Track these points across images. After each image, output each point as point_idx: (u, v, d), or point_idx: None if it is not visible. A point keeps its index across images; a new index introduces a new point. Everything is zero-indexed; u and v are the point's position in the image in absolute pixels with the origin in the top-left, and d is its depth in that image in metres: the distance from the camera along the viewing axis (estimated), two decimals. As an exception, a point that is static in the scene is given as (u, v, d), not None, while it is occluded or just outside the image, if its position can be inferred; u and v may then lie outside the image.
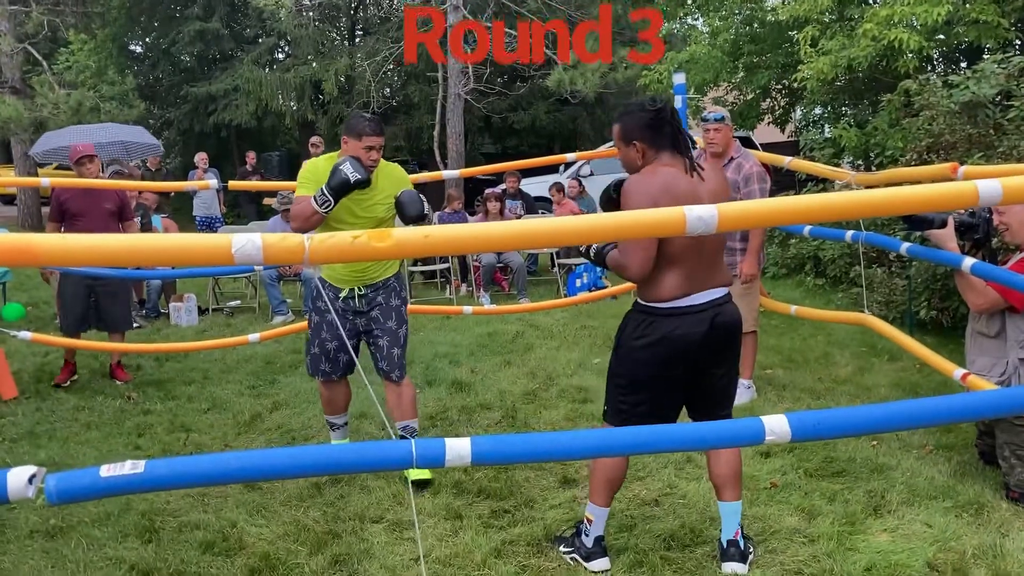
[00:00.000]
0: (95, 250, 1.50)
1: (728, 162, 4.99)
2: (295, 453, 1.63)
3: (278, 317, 8.23)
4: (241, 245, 1.58)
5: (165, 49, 20.74)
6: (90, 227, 5.78)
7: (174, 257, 1.60)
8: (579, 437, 1.84)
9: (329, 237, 1.65)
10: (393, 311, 3.95)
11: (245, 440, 4.69)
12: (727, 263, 5.04)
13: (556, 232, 1.81)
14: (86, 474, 1.58)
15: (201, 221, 11.90)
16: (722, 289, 2.97)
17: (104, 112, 15.79)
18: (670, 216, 1.69)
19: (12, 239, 1.51)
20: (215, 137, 20.34)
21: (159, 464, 1.58)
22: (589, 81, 13.44)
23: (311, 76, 18.48)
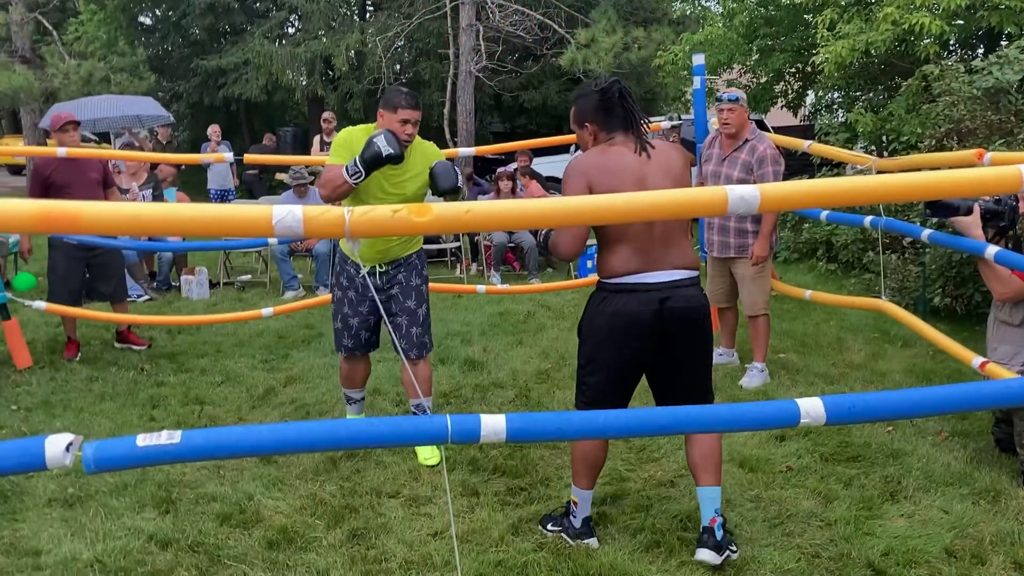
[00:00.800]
0: (138, 219, 1.50)
1: (743, 144, 4.99)
2: (331, 426, 1.63)
3: (289, 292, 8.24)
4: (281, 217, 1.57)
5: (175, 21, 20.63)
6: (77, 197, 5.70)
7: (213, 226, 1.60)
8: (610, 416, 1.84)
9: (369, 211, 1.64)
10: (413, 290, 3.93)
11: (259, 414, 4.70)
12: (738, 244, 5.05)
13: (597, 209, 1.80)
14: (123, 443, 1.58)
15: (215, 194, 11.87)
16: (682, 272, 2.87)
17: (114, 84, 15.76)
18: (712, 195, 1.68)
19: (59, 206, 1.50)
20: (224, 111, 20.29)
21: (195, 435, 1.58)
22: (602, 61, 13.36)
23: (321, 51, 18.38)
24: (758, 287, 5.08)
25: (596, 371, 2.97)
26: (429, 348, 4.03)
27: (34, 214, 1.42)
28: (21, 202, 1.44)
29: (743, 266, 5.08)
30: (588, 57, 13.49)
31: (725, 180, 5.00)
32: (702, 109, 5.92)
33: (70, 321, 5.94)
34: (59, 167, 5.70)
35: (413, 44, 18.94)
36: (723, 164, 5.06)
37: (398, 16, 17.26)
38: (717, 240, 5.15)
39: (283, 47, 19.07)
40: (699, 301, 2.90)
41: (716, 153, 5.17)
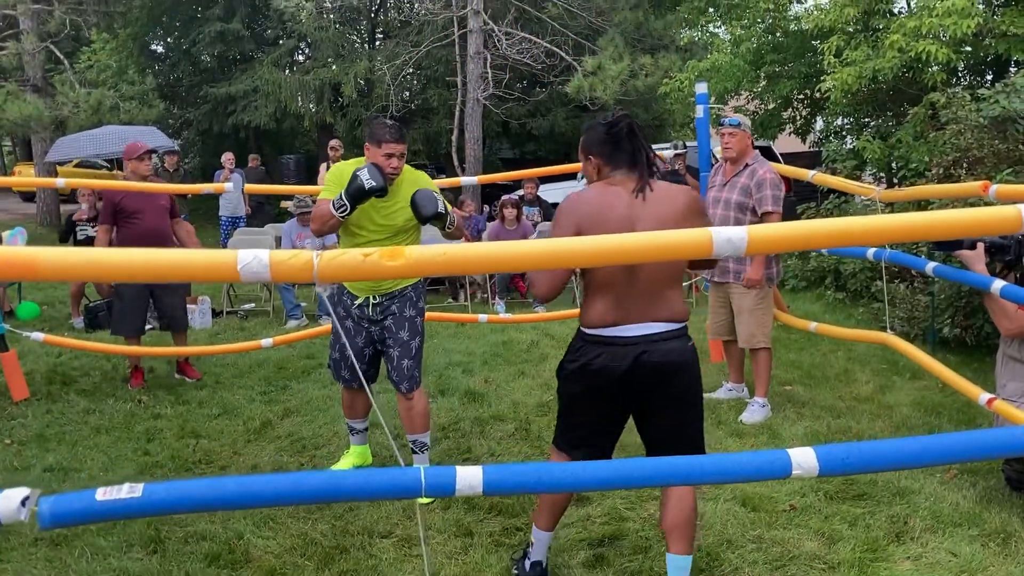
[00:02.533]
0: (96, 265, 1.44)
1: (743, 168, 4.96)
2: (299, 479, 1.56)
3: (292, 321, 8.19)
4: (247, 262, 1.51)
5: (186, 49, 20.81)
6: (149, 224, 5.72)
7: (178, 272, 1.54)
8: (591, 468, 1.77)
9: (339, 255, 1.58)
10: (406, 321, 3.88)
11: (255, 448, 4.63)
12: (736, 269, 4.98)
13: (574, 253, 1.74)
14: (81, 497, 1.52)
15: (226, 221, 11.87)
16: (663, 324, 2.67)
17: (124, 111, 15.87)
18: (697, 238, 1.62)
19: (15, 253, 1.45)
20: (234, 138, 20.39)
21: (157, 488, 1.52)
22: (609, 88, 13.36)
23: (330, 79, 18.49)
24: (755, 319, 4.98)
25: (575, 420, 2.84)
26: (418, 382, 3.96)
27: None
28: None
29: (740, 295, 4.99)
30: (595, 84, 13.50)
31: (724, 204, 4.98)
32: (706, 137, 5.88)
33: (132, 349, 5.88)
34: (130, 195, 5.71)
35: (421, 72, 19.05)
36: (724, 189, 5.03)
37: (406, 44, 17.35)
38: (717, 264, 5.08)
39: (292, 75, 19.19)
40: (679, 354, 2.69)
41: (719, 180, 5.14)
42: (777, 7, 11.11)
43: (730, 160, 5.03)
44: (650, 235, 1.64)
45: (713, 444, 4.52)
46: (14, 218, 18.29)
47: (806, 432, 4.67)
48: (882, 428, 4.73)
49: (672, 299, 2.71)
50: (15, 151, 30.46)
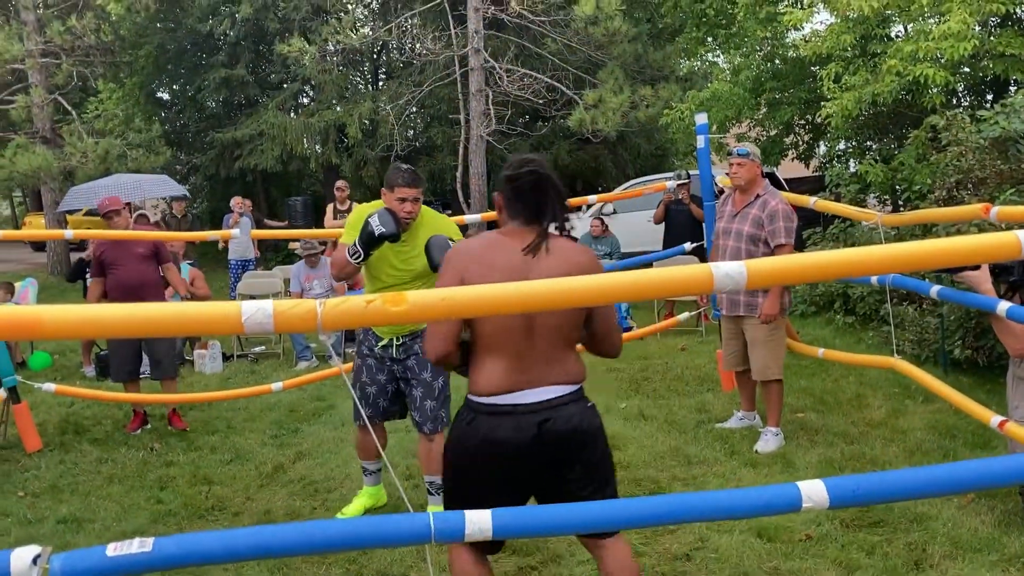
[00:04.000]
0: (99, 322, 1.46)
1: (755, 199, 4.93)
2: (308, 528, 1.57)
3: (302, 363, 8.21)
4: (251, 314, 1.53)
5: (191, 96, 21.05)
6: (124, 275, 5.81)
7: (180, 326, 1.56)
8: (601, 508, 1.77)
9: (342, 302, 1.60)
10: (429, 364, 3.87)
11: (267, 492, 4.62)
12: (747, 302, 4.94)
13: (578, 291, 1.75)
14: (92, 554, 1.52)
15: (236, 264, 11.95)
16: (563, 388, 2.45)
17: (131, 159, 16.03)
18: (698, 273, 1.63)
19: (20, 313, 1.47)
20: (241, 182, 20.54)
21: (167, 542, 1.52)
22: (610, 120, 13.44)
23: (335, 120, 18.65)
24: (769, 351, 4.93)
25: (465, 500, 2.25)
26: (444, 423, 3.91)
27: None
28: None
29: (753, 327, 4.95)
30: (596, 117, 13.59)
31: (736, 236, 4.95)
32: (707, 166, 5.92)
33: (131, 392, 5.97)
34: (108, 247, 5.86)
35: (424, 110, 19.21)
36: (735, 220, 4.99)
37: (409, 84, 17.52)
38: (726, 297, 5.07)
39: (297, 117, 19.37)
40: (583, 419, 2.46)
41: (728, 210, 5.09)
42: (775, 35, 11.21)
43: (740, 190, 5.00)
44: (650, 272, 1.65)
45: (727, 475, 4.50)
46: (25, 268, 18.44)
47: (820, 459, 4.63)
48: (896, 453, 4.69)
49: (569, 359, 2.50)
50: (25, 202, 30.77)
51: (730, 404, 5.63)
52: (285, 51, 15.52)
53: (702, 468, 4.63)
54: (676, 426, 5.44)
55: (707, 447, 4.98)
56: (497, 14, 14.33)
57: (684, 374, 6.90)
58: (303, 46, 15.39)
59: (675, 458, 4.81)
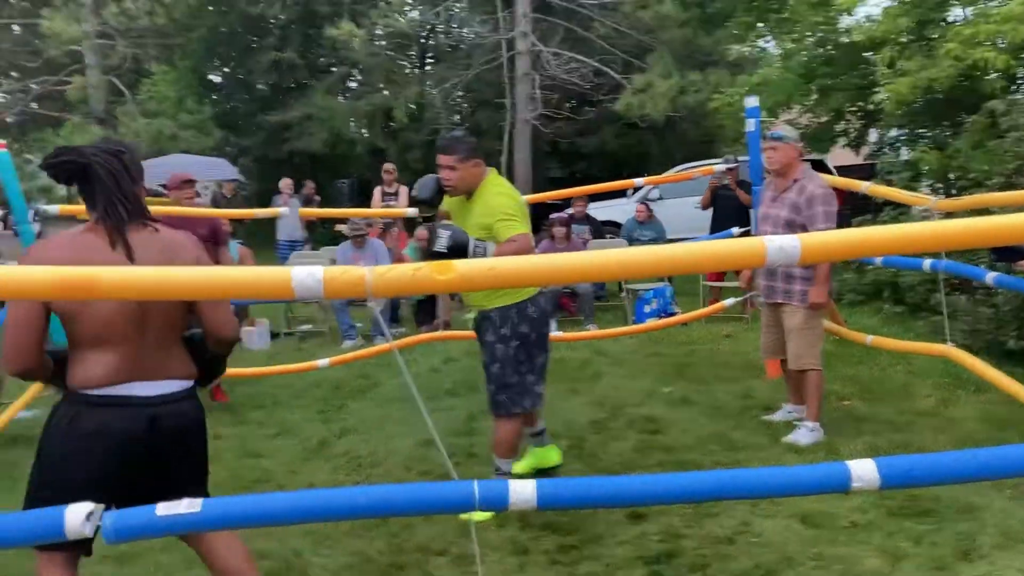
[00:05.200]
0: (156, 283, 1.48)
1: (792, 184, 4.78)
2: (352, 494, 1.59)
3: (347, 342, 8.29)
4: (302, 279, 1.54)
5: (241, 79, 21.34)
6: None
7: (235, 290, 1.58)
8: (647, 481, 1.76)
9: (390, 269, 1.61)
10: (486, 346, 3.85)
11: (312, 467, 4.69)
12: (784, 289, 4.80)
13: (626, 264, 1.74)
14: (142, 512, 1.56)
15: (284, 244, 12.11)
16: (179, 383, 2.41)
17: (181, 140, 16.30)
18: (750, 247, 1.60)
19: (77, 272, 1.50)
20: (289, 164, 20.77)
21: (215, 503, 1.55)
22: (658, 105, 13.33)
23: (382, 104, 18.77)
24: (804, 339, 4.77)
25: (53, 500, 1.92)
26: (505, 407, 3.84)
27: (51, 280, 1.42)
28: (39, 269, 1.44)
29: (790, 315, 4.81)
30: (644, 102, 13.50)
31: (773, 221, 4.83)
32: (757, 151, 5.83)
33: None
34: (167, 221, 5.87)
35: (470, 94, 19.24)
36: (772, 205, 4.88)
37: (456, 67, 17.55)
38: (764, 284, 4.97)
39: (345, 101, 19.52)
40: (196, 415, 2.46)
41: (768, 195, 5.00)
42: (827, 20, 10.99)
43: (777, 174, 4.88)
44: (699, 244, 1.64)
45: (772, 460, 4.45)
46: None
47: (865, 447, 4.56)
48: (946, 442, 4.60)
49: (182, 353, 2.45)
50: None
51: (775, 392, 5.56)
52: (335, 34, 15.63)
53: (746, 453, 4.59)
54: (720, 411, 5.39)
55: (751, 433, 4.93)
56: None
57: (729, 360, 6.84)
58: (352, 30, 15.49)
59: (719, 443, 4.77)
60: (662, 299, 8.79)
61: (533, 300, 3.80)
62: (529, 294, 3.78)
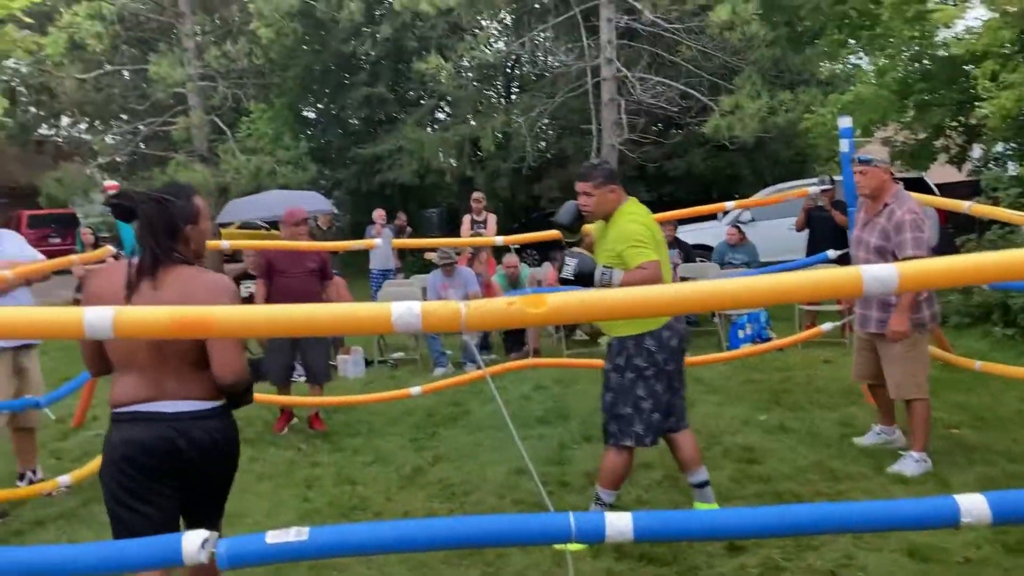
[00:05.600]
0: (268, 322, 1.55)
1: (883, 208, 4.65)
2: (452, 524, 1.62)
3: (438, 369, 8.40)
4: (400, 313, 1.59)
5: (335, 114, 21.99)
6: (292, 284, 6.15)
7: (336, 325, 1.64)
8: (745, 515, 1.73)
9: (485, 303, 1.64)
10: (604, 373, 3.89)
11: (407, 494, 4.76)
12: (880, 318, 4.63)
13: (720, 294, 1.73)
14: (254, 540, 1.62)
15: (377, 274, 12.39)
16: (201, 403, 2.59)
17: (279, 175, 16.88)
18: (845, 276, 1.58)
19: (190, 312, 1.58)
20: (380, 195, 21.27)
21: (322, 532, 1.60)
22: (748, 126, 13.16)
23: (469, 134, 19.06)
24: (905, 368, 4.58)
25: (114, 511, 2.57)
26: (614, 437, 3.82)
27: (165, 320, 1.51)
28: (156, 310, 1.52)
29: (884, 345, 4.63)
30: (733, 124, 13.34)
31: (864, 247, 4.73)
32: (850, 172, 5.70)
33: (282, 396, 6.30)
34: (279, 254, 6.22)
35: (556, 122, 19.36)
36: (864, 229, 4.77)
37: (541, 96, 17.71)
38: (859, 312, 4.83)
39: (433, 132, 19.91)
40: (218, 433, 2.62)
41: (861, 218, 4.88)
42: (923, 35, 10.70)
43: (868, 198, 4.76)
44: (795, 275, 1.62)
45: (875, 491, 4.31)
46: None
47: (978, 479, 4.37)
48: (1065, 474, 4.37)
49: (203, 379, 2.59)
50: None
51: (868, 417, 5.39)
52: (423, 68, 15.97)
53: (848, 483, 4.45)
54: (819, 439, 5.25)
55: (852, 462, 4.78)
56: (630, 23, 14.30)
57: (827, 386, 6.66)
58: (440, 63, 15.81)
59: (818, 472, 4.65)
60: (756, 324, 8.63)
61: (655, 333, 3.73)
62: (650, 326, 3.73)
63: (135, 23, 18.99)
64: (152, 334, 1.56)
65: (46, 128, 25.16)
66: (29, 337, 3.50)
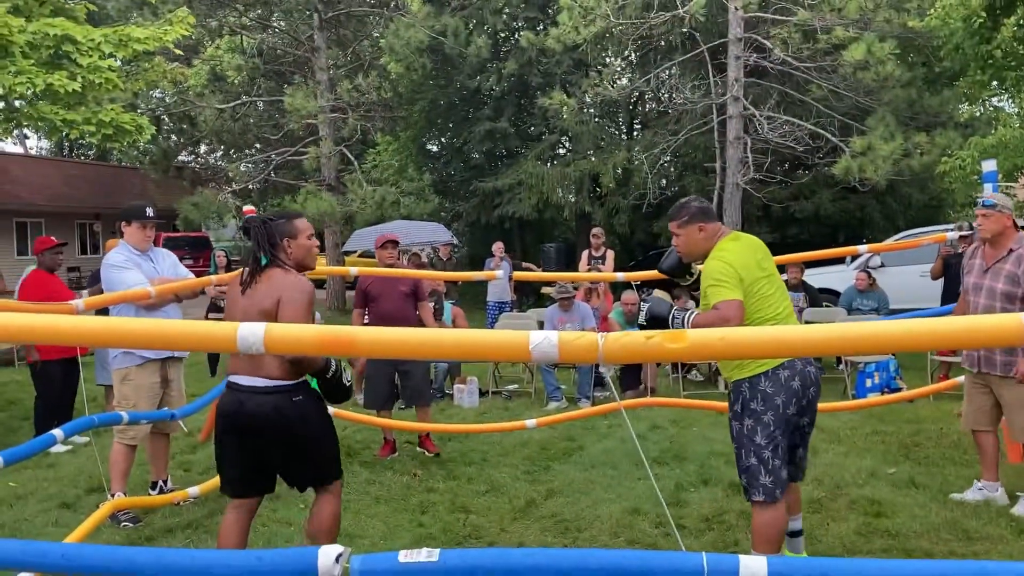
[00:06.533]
0: (406, 344, 1.60)
1: (1007, 254, 4.62)
2: (583, 556, 1.61)
3: (552, 403, 8.39)
4: (538, 343, 1.61)
5: (458, 148, 22.48)
6: (387, 307, 6.34)
7: (475, 351, 1.67)
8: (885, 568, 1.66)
9: (623, 335, 1.64)
10: (729, 424, 3.65)
11: (520, 526, 4.75)
12: (1005, 361, 4.60)
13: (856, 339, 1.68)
14: (386, 558, 1.65)
15: (493, 306, 12.57)
16: (265, 380, 3.32)
17: (403, 206, 17.37)
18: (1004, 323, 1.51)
19: (337, 331, 1.64)
20: (499, 228, 21.59)
21: (452, 555, 1.62)
22: (880, 168, 12.73)
23: (589, 170, 19.14)
24: None
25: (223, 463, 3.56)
26: (747, 493, 3.55)
27: (315, 339, 1.57)
28: (307, 328, 1.59)
29: (1009, 387, 4.59)
30: (864, 165, 12.93)
31: (988, 293, 4.65)
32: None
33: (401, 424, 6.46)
34: (375, 281, 6.44)
35: (678, 159, 19.21)
36: (985, 276, 4.70)
37: (664, 133, 17.61)
38: (980, 354, 4.71)
39: (554, 167, 20.07)
40: (281, 408, 3.32)
41: (978, 264, 4.80)
42: (1076, 75, 10.15)
43: (989, 243, 4.72)
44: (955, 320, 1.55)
45: (1014, 555, 4.05)
46: (308, 303, 20.34)
47: None
48: None
49: (272, 361, 3.29)
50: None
51: (1017, 478, 5.07)
52: (547, 104, 16.17)
53: (984, 545, 4.20)
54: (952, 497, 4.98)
55: (990, 523, 4.51)
56: (759, 61, 14.11)
57: (960, 441, 6.31)
58: (563, 99, 15.97)
59: (951, 531, 4.40)
60: (885, 373, 8.28)
61: (770, 375, 3.47)
62: (766, 367, 3.47)
63: (272, 56, 20.01)
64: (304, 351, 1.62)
65: (185, 155, 26.75)
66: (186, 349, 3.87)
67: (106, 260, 5.00)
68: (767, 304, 3.53)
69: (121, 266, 4.89)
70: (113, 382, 5.14)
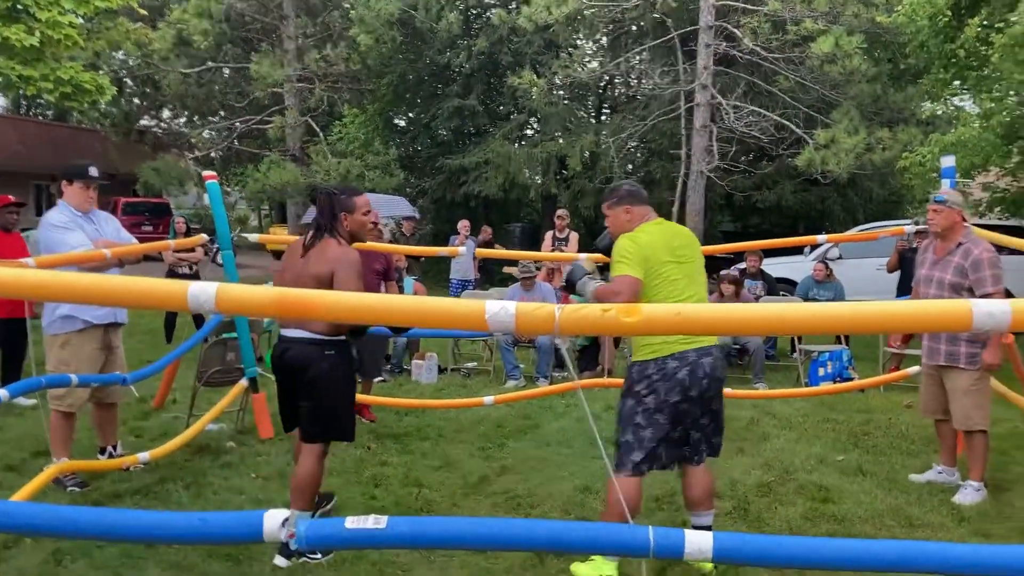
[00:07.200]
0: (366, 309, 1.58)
1: (956, 247, 4.81)
2: (530, 526, 1.61)
3: (511, 381, 8.41)
4: (495, 312, 1.60)
5: (425, 124, 22.33)
6: None
7: (431, 318, 1.66)
8: (823, 545, 1.69)
9: (580, 308, 1.64)
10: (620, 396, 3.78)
11: (472, 501, 4.76)
12: (949, 351, 4.78)
13: (810, 318, 1.70)
14: (333, 523, 1.64)
15: (456, 284, 12.53)
16: (303, 332, 3.77)
17: (368, 179, 17.21)
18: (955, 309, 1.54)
19: (294, 294, 1.62)
20: (464, 206, 21.50)
21: (400, 522, 1.62)
22: (842, 162, 12.89)
23: (557, 151, 19.13)
24: (971, 400, 4.74)
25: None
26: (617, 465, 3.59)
27: (271, 300, 1.55)
28: (262, 288, 1.57)
29: (954, 377, 4.78)
30: (827, 158, 13.08)
31: (937, 284, 4.84)
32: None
33: None
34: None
35: (645, 144, 19.28)
36: (935, 267, 4.90)
37: (632, 118, 17.68)
38: (926, 345, 4.95)
39: (521, 148, 20.04)
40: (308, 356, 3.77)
41: (929, 257, 5.01)
42: (1035, 78, 10.31)
43: (940, 237, 4.91)
44: (902, 304, 1.58)
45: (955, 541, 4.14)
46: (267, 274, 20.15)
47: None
48: None
49: None
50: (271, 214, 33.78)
51: (961, 467, 5.20)
52: (516, 83, 16.11)
53: (926, 532, 4.30)
54: (897, 485, 5.08)
55: (932, 510, 4.61)
56: (729, 50, 14.17)
57: (909, 431, 6.44)
58: (533, 79, 15.92)
59: (895, 518, 4.50)
60: (838, 362, 8.41)
61: (659, 362, 3.54)
62: (657, 353, 3.53)
63: (240, 22, 19.66)
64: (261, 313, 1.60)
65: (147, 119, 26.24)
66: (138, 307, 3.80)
67: (46, 219, 4.73)
68: (670, 287, 3.55)
69: (63, 227, 4.64)
70: (49, 348, 4.83)
